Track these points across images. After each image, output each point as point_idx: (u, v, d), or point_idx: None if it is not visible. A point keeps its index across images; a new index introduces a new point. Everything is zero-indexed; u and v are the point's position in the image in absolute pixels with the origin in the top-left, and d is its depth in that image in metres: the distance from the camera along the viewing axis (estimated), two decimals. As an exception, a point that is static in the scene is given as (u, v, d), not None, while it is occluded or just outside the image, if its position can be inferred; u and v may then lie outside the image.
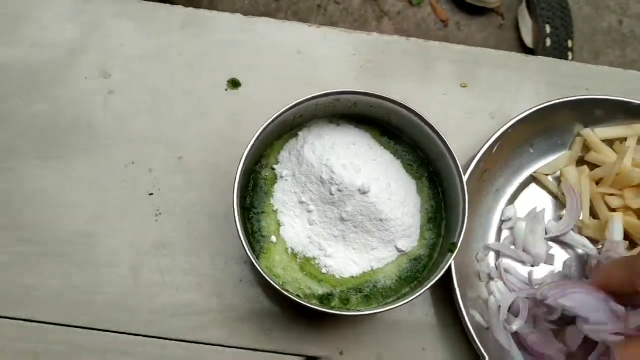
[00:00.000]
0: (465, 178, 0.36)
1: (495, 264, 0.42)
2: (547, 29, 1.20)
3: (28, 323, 0.39)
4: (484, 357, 0.37)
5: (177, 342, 0.40)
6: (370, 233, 0.36)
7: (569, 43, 1.20)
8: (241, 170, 0.34)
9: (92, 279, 0.40)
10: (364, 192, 0.35)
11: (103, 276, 0.40)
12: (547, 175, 0.44)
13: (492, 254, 0.43)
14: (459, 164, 0.35)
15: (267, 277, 0.33)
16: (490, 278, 0.41)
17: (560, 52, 1.20)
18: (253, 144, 0.35)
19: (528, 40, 1.23)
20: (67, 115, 0.44)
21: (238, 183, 0.34)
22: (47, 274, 0.40)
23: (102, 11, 0.47)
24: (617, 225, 0.41)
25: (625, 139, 0.43)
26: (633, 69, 0.49)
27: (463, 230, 0.34)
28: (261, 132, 0.35)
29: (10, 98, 0.44)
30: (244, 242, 0.33)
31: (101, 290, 0.40)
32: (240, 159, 0.34)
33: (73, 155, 0.43)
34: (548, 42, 1.20)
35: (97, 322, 0.40)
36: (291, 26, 0.47)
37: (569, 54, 1.21)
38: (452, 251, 0.35)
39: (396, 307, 0.33)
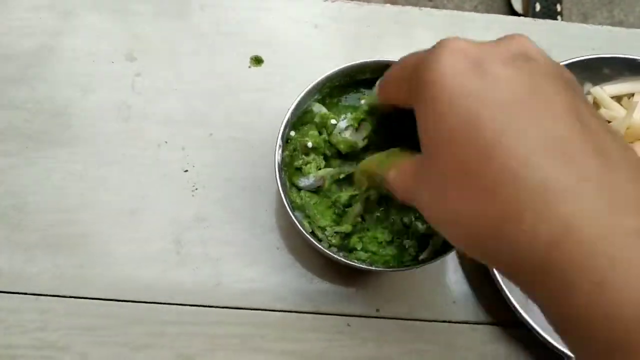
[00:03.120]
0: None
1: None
2: (537, -7, 1.22)
3: (79, 300, 0.41)
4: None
5: (222, 309, 0.42)
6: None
7: (558, 7, 1.22)
8: (282, 137, 0.36)
9: (137, 255, 0.42)
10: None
11: (148, 251, 0.42)
12: (560, 133, 0.46)
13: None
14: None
15: (310, 239, 0.35)
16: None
17: (549, 16, 1.22)
18: (292, 113, 0.37)
19: (518, 6, 1.25)
20: (95, 101, 0.45)
21: (280, 155, 0.36)
22: (92, 253, 0.42)
23: (122, -4, 0.48)
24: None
25: (632, 94, 0.46)
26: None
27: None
28: (295, 107, 0.37)
29: (41, 84, 0.45)
30: (295, 220, 0.36)
31: (147, 264, 0.42)
32: (279, 130, 0.36)
33: (104, 139, 0.44)
34: (538, 7, 1.22)
35: (143, 295, 0.42)
36: (307, 1, 0.49)
37: (559, 17, 1.23)
38: None
39: (433, 262, 0.35)
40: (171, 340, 0.41)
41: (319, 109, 0.38)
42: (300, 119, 0.38)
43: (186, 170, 0.44)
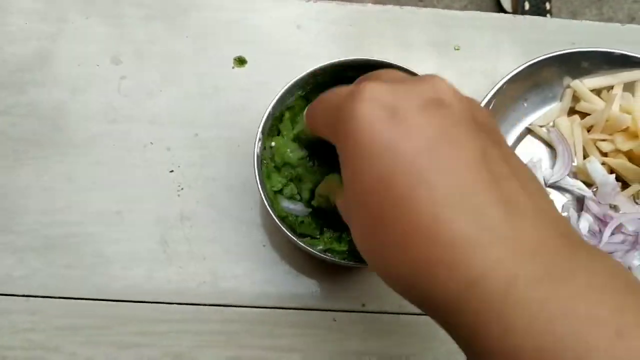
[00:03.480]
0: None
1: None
2: (525, -8, 1.23)
3: (68, 300, 0.42)
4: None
5: (208, 307, 0.42)
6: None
7: (547, 6, 1.23)
8: (262, 130, 0.37)
9: (124, 255, 0.43)
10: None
11: (135, 251, 0.43)
12: (541, 126, 0.47)
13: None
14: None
15: (292, 237, 0.36)
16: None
17: (538, 15, 1.22)
18: (270, 111, 0.37)
19: (507, 4, 1.26)
20: (82, 103, 0.46)
21: (260, 148, 0.37)
22: (81, 254, 0.42)
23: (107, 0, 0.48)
24: (593, 167, 0.44)
25: (611, 87, 0.46)
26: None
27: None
28: (277, 101, 0.37)
29: (29, 89, 0.46)
30: (269, 208, 0.36)
31: (134, 264, 0.42)
32: (260, 123, 0.37)
33: (91, 142, 0.45)
34: (527, 5, 1.22)
35: (132, 295, 0.42)
36: (290, 2, 0.49)
37: (548, 16, 1.23)
38: None
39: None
40: (159, 338, 0.41)
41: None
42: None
43: (172, 171, 0.44)
